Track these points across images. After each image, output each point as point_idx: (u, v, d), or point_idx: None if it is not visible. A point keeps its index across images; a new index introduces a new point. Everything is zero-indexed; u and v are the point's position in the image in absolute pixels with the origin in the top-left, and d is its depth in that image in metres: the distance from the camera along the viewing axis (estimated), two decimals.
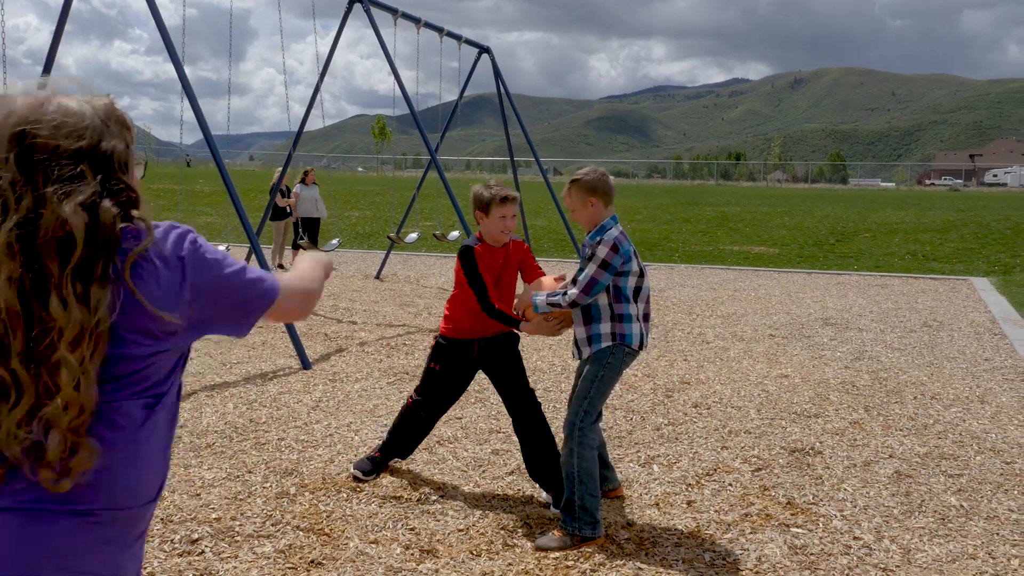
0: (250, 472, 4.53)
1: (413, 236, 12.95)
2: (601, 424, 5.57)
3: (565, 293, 3.84)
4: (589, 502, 3.77)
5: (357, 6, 10.22)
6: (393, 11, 10.61)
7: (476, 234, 4.32)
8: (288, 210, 14.79)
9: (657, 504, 4.28)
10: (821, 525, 4.06)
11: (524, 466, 4.50)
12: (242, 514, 3.95)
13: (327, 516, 3.98)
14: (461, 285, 4.27)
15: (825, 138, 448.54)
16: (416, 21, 11.18)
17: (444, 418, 5.68)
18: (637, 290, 3.91)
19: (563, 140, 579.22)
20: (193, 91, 7.23)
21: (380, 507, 4.13)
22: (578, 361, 4.03)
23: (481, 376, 6.68)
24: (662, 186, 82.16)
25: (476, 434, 5.40)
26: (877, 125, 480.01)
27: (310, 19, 11.16)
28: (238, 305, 1.60)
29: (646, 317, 3.99)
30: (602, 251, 3.77)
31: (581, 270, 3.87)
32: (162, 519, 3.84)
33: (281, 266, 14.33)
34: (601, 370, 3.86)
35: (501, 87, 13.62)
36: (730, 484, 4.56)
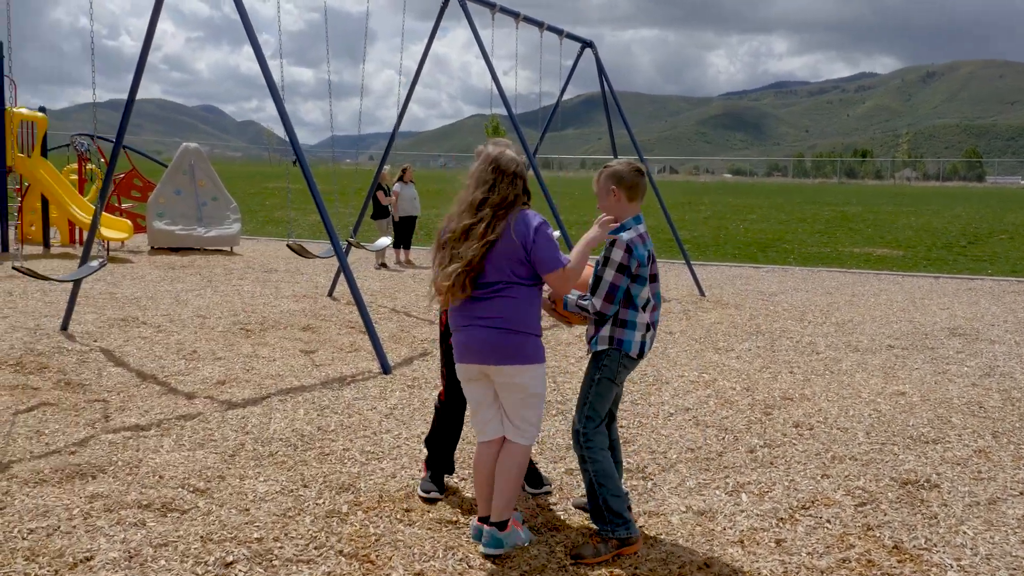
0: (306, 486, 4.30)
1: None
2: (689, 443, 5.14)
3: (592, 303, 3.73)
4: (614, 502, 3.68)
5: (454, 3, 10.00)
6: (491, 6, 10.33)
7: None
8: (389, 208, 14.76)
9: (741, 541, 3.80)
10: None
11: None
12: (286, 534, 3.70)
13: (375, 540, 3.69)
14: None
15: (960, 134, 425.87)
16: (515, 16, 10.87)
17: None
18: (647, 300, 3.77)
19: (680, 138, 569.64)
20: (279, 93, 7.14)
21: (434, 532, 3.81)
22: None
23: (564, 386, 6.35)
24: (780, 184, 79.52)
25: (552, 450, 5.03)
26: (1018, 120, 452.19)
27: (428, 20, 10.96)
28: (540, 260, 3.53)
29: (654, 325, 3.84)
30: (616, 254, 3.66)
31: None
32: (202, 536, 3.63)
33: (384, 265, 14.29)
34: (596, 373, 3.77)
35: (605, 83, 13.16)
36: (828, 520, 4.04)
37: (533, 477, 4.40)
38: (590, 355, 3.81)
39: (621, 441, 4.48)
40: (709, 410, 5.91)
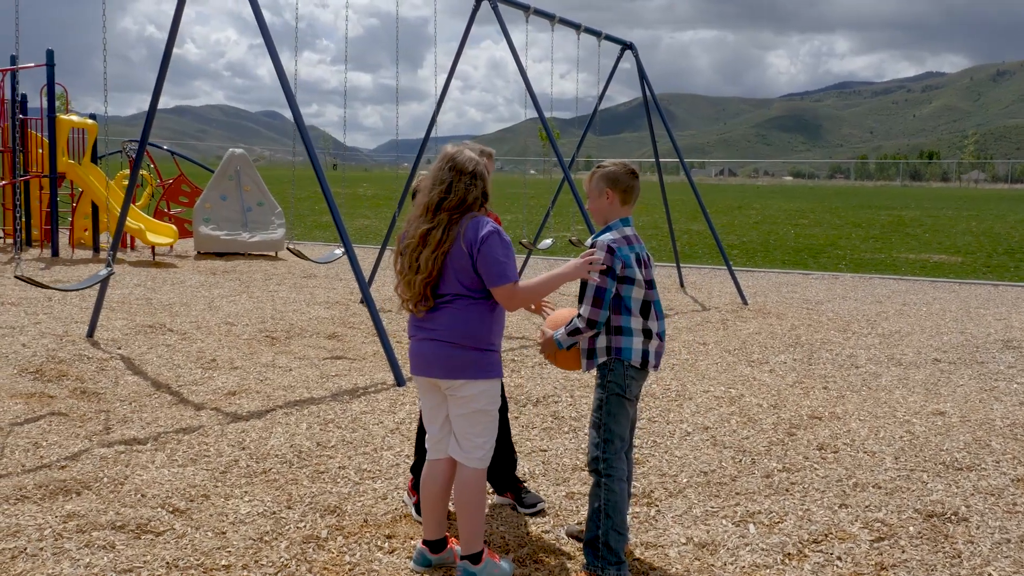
0: (290, 507, 4.14)
1: (547, 242, 12.51)
2: (703, 466, 4.86)
3: (580, 315, 3.48)
4: (614, 539, 3.43)
5: (485, 4, 9.84)
6: (524, 8, 10.15)
7: None
8: None
9: None
10: None
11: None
12: (256, 562, 3.54)
13: (349, 570, 3.51)
14: None
15: None
16: (550, 18, 10.68)
17: (528, 449, 5.14)
18: (646, 304, 3.51)
19: (739, 140, 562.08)
20: (295, 99, 7.04)
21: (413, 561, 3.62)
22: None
23: (581, 401, 6.09)
24: (839, 187, 77.77)
25: (557, 471, 4.80)
26: None
27: (482, 25, 10.84)
28: (485, 272, 3.29)
29: (658, 336, 3.55)
30: (597, 256, 3.44)
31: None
32: (168, 563, 3.49)
33: None
34: (603, 392, 3.51)
35: (646, 86, 12.86)
36: (839, 557, 3.74)
37: (521, 497, 4.24)
38: (592, 372, 3.59)
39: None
40: (729, 429, 5.61)
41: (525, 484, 4.36)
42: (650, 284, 3.53)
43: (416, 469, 4.18)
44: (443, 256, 3.30)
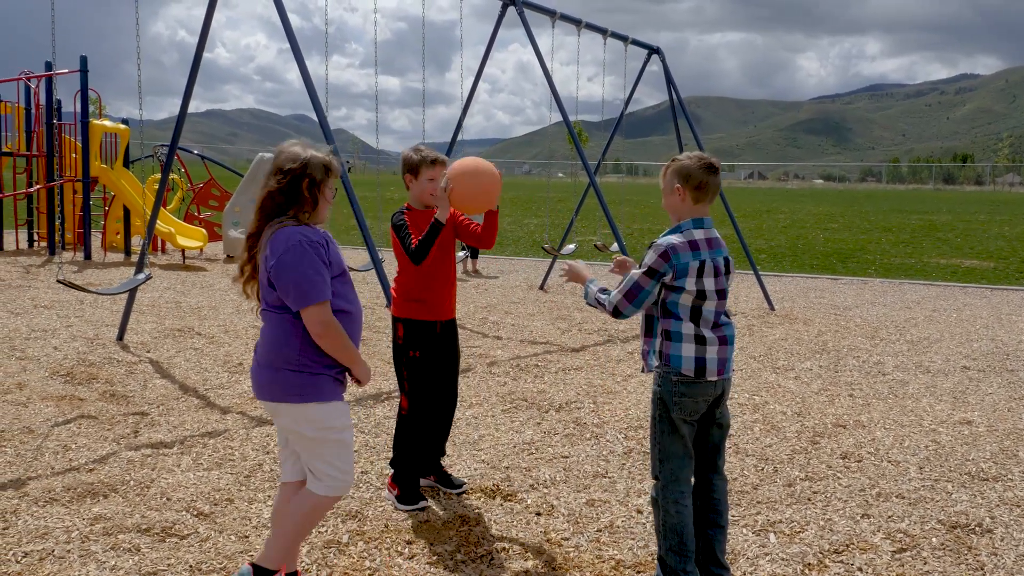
0: None
1: (571, 247, 12.50)
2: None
3: (614, 295, 3.37)
4: (672, 559, 3.30)
5: (511, 9, 9.87)
6: (551, 12, 10.18)
7: (404, 204, 4.45)
8: None
9: None
10: None
11: (612, 527, 3.95)
12: None
13: (370, 575, 3.55)
14: (401, 256, 4.31)
15: None
16: (576, 23, 10.69)
17: (549, 455, 5.15)
18: (696, 310, 3.27)
19: (769, 143, 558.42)
20: (320, 103, 7.10)
21: (434, 567, 3.64)
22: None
23: (603, 407, 6.11)
24: (870, 190, 76.92)
25: (578, 477, 4.81)
26: None
27: (510, 28, 10.87)
28: (282, 291, 2.99)
29: (720, 340, 3.30)
30: (650, 257, 3.26)
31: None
32: (191, 566, 3.55)
33: None
34: (654, 407, 3.35)
35: (673, 90, 12.83)
36: (860, 568, 3.71)
37: (446, 478, 4.53)
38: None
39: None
40: (752, 437, 5.59)
41: (447, 468, 4.66)
42: (720, 294, 3.27)
43: (394, 463, 4.39)
44: (250, 268, 3.12)
